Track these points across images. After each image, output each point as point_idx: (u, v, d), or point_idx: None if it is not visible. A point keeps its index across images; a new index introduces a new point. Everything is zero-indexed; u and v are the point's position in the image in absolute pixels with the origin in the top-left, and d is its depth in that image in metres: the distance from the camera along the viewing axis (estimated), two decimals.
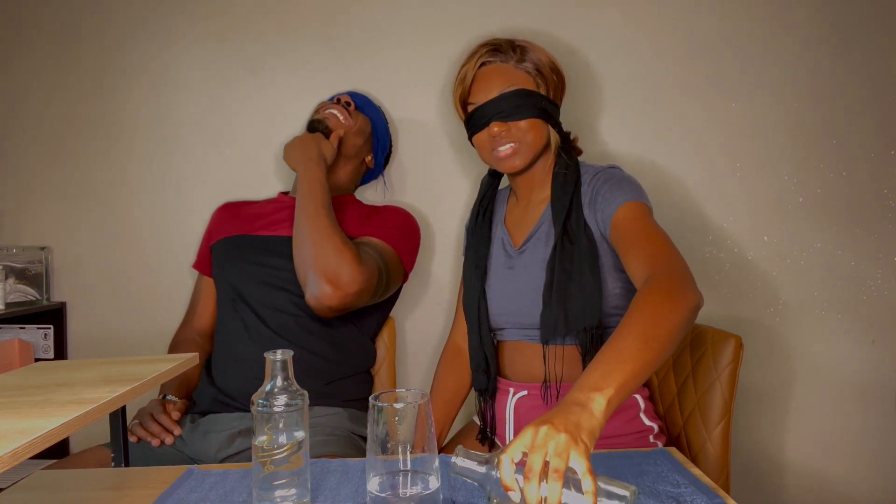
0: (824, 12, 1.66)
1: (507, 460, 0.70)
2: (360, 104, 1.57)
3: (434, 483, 0.71)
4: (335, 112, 1.49)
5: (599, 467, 0.91)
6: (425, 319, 1.72)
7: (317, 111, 1.53)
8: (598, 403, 0.76)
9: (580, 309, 1.16)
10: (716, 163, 1.68)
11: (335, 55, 1.71)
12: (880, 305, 1.66)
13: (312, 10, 1.71)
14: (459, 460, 0.75)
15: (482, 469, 0.74)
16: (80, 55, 1.74)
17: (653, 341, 0.85)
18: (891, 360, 1.67)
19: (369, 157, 1.59)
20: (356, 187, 1.63)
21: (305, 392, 0.80)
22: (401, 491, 0.70)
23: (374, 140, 1.59)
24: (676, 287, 0.94)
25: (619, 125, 1.69)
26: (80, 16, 1.74)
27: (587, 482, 0.68)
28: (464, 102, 1.31)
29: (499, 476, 0.71)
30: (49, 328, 1.74)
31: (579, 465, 0.69)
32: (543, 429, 0.71)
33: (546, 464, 0.69)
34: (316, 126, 1.48)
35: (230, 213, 1.57)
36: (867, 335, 1.67)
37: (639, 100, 1.68)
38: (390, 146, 1.66)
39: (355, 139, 1.52)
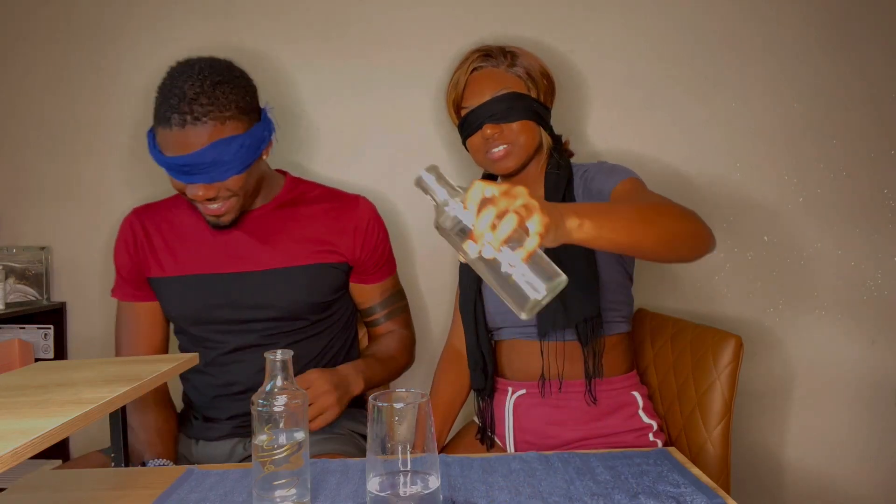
0: (824, 12, 1.66)
1: (481, 186, 0.72)
2: (220, 174, 1.13)
3: (434, 483, 0.71)
4: (215, 222, 1.22)
5: (599, 467, 0.91)
6: (422, 323, 1.72)
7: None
8: (572, 220, 0.77)
9: (578, 301, 1.17)
10: (716, 163, 1.68)
11: (335, 56, 1.71)
12: (880, 305, 1.67)
13: (312, 11, 1.71)
14: (426, 176, 0.76)
15: (441, 192, 0.75)
16: (79, 55, 1.74)
17: (648, 221, 0.86)
18: (891, 360, 1.67)
19: (265, 156, 1.23)
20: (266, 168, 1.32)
21: (305, 392, 0.80)
22: (401, 491, 0.70)
23: (254, 146, 1.17)
24: (695, 215, 0.96)
25: (619, 125, 1.69)
26: (79, 15, 1.74)
27: (532, 241, 0.70)
28: (457, 107, 1.32)
29: (456, 201, 0.73)
30: (49, 328, 1.74)
31: (534, 225, 0.70)
32: (520, 188, 0.72)
33: (506, 211, 0.70)
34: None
35: (160, 235, 1.31)
36: (867, 335, 1.67)
37: (638, 100, 1.68)
38: (258, 102, 1.24)
39: (249, 198, 1.24)
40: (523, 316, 0.72)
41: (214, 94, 1.11)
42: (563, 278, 0.71)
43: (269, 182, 1.31)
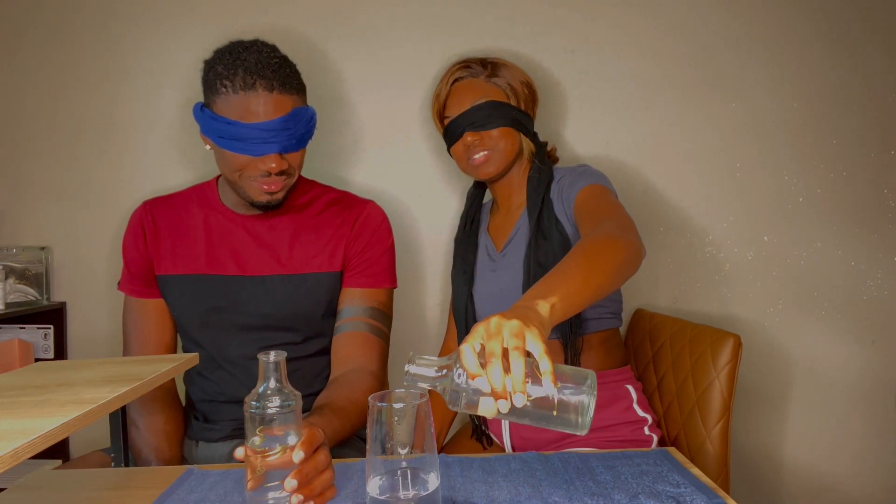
0: (823, 12, 1.66)
1: (469, 349, 0.71)
2: (294, 145, 1.15)
3: (434, 483, 0.71)
4: (268, 200, 1.19)
5: (599, 467, 0.91)
6: (418, 327, 1.72)
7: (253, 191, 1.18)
8: (542, 307, 0.78)
9: None
10: (716, 163, 1.68)
11: (336, 56, 1.71)
12: (880, 305, 1.67)
13: (311, 12, 1.71)
14: (413, 367, 0.75)
15: (437, 373, 0.75)
16: (80, 54, 1.74)
17: (596, 265, 0.88)
18: (891, 361, 1.67)
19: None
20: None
21: (299, 393, 0.79)
22: (400, 491, 0.70)
23: (313, 125, 1.20)
24: (620, 233, 0.98)
25: (619, 126, 1.69)
26: (81, 15, 1.74)
27: (545, 363, 0.69)
28: (440, 117, 1.38)
29: (457, 375, 0.72)
30: (49, 328, 1.74)
31: (536, 346, 0.70)
32: (494, 319, 0.72)
33: (505, 351, 0.70)
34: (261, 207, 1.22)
35: (169, 231, 1.28)
36: (867, 335, 1.67)
37: (638, 100, 1.68)
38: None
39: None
40: (583, 432, 0.71)
41: (291, 66, 1.16)
42: (591, 374, 0.72)
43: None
